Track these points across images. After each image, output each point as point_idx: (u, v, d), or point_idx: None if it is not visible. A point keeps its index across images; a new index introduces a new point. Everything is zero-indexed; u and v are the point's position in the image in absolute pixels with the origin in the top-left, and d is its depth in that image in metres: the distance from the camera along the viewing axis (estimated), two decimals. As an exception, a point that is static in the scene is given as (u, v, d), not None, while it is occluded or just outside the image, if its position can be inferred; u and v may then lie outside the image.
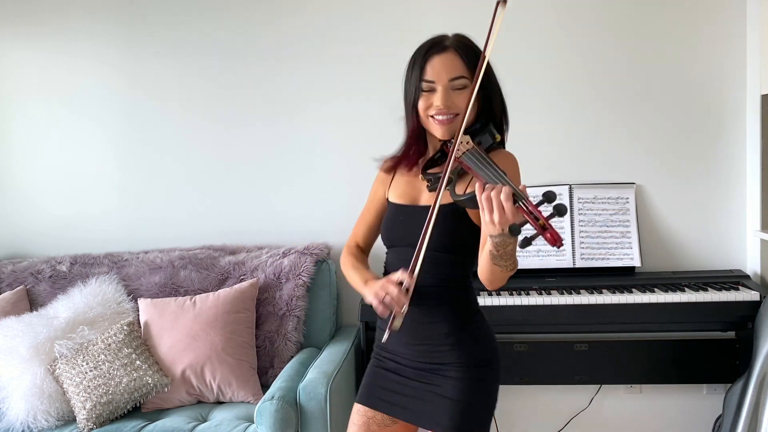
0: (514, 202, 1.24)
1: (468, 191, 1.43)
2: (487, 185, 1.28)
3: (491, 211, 1.26)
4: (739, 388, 2.31)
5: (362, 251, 1.75)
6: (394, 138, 1.67)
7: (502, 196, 1.24)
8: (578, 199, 2.71)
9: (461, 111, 1.48)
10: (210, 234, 2.96)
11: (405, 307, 1.41)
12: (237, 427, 2.20)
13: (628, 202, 2.69)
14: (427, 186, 1.55)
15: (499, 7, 1.41)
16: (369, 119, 2.84)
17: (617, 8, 2.72)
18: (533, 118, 2.72)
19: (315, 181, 2.91)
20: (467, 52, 1.50)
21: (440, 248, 1.51)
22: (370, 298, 1.45)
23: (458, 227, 1.52)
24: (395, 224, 1.61)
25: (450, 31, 1.56)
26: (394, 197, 1.65)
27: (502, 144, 1.56)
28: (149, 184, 3.00)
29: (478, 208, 1.31)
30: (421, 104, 1.51)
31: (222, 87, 2.92)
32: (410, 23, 2.79)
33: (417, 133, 1.57)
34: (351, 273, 1.67)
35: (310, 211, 2.92)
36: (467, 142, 1.46)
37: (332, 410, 2.19)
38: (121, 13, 2.94)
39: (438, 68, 1.48)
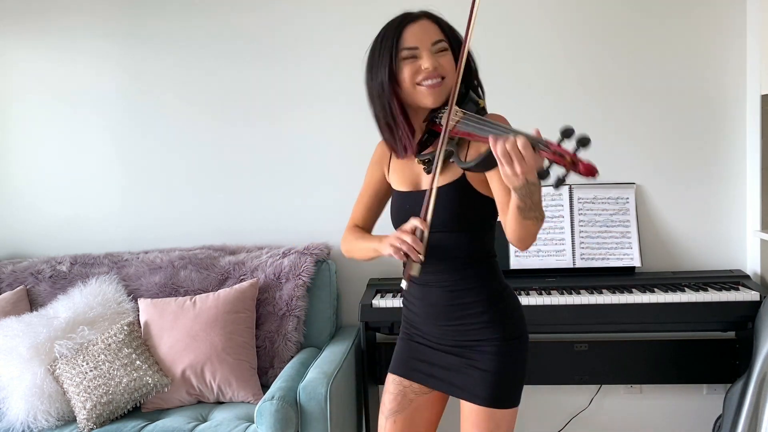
0: (533, 148, 1.21)
1: (476, 155, 1.41)
2: (499, 139, 1.23)
3: (511, 163, 1.22)
4: (739, 388, 2.31)
5: (362, 231, 1.74)
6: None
7: (520, 144, 1.20)
8: (578, 199, 2.71)
9: (447, 74, 1.48)
10: (210, 234, 2.96)
11: (423, 252, 1.40)
12: (237, 427, 2.20)
13: (628, 202, 2.69)
14: (425, 169, 1.54)
15: None
16: (370, 119, 2.83)
17: (617, 8, 2.72)
18: (533, 118, 2.70)
19: (315, 181, 2.91)
20: (438, 19, 1.52)
21: (456, 228, 1.52)
22: (387, 250, 1.43)
23: (467, 202, 1.52)
24: (403, 212, 1.59)
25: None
26: (397, 184, 1.64)
27: (484, 110, 1.52)
28: (149, 184, 3.00)
29: (491, 168, 1.27)
30: (406, 74, 1.48)
31: (222, 86, 2.92)
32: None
33: (402, 112, 1.52)
34: (357, 242, 1.65)
35: (310, 211, 2.92)
36: (456, 111, 1.44)
37: (332, 410, 2.19)
38: (121, 11, 2.93)
39: (419, 34, 1.48)
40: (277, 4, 2.87)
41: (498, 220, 1.54)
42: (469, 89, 1.52)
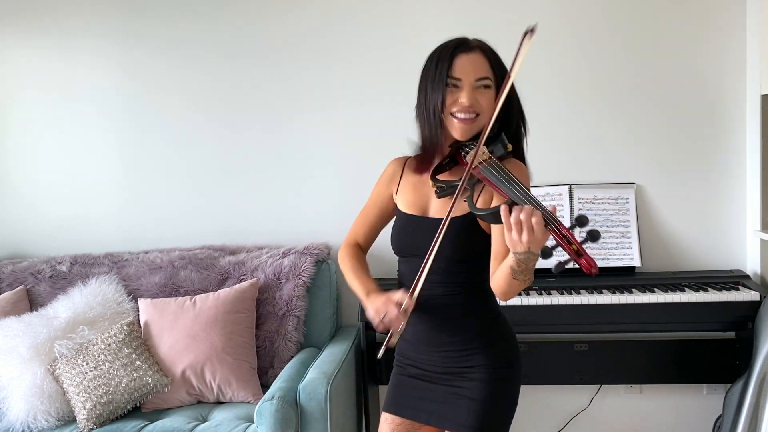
0: (545, 225, 1.23)
1: (491, 205, 1.43)
2: (515, 207, 1.25)
3: (520, 233, 1.25)
4: (739, 388, 2.31)
5: (362, 250, 1.75)
6: (394, 139, 1.67)
7: (534, 220, 1.23)
8: (578, 199, 2.71)
9: (483, 112, 1.48)
10: (210, 234, 2.96)
11: (402, 327, 1.45)
12: (237, 427, 2.20)
13: (628, 202, 2.69)
14: (436, 192, 1.53)
15: (525, 38, 1.38)
16: (370, 120, 2.84)
17: (617, 8, 2.72)
18: (533, 118, 2.70)
19: (315, 181, 2.91)
20: (491, 54, 1.52)
21: (457, 260, 1.53)
22: (371, 314, 1.49)
23: (472, 238, 1.52)
24: (407, 235, 1.60)
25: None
26: (404, 206, 1.63)
27: (511, 154, 1.53)
28: (149, 184, 3.00)
29: (499, 223, 1.29)
30: (447, 101, 1.48)
31: (223, 86, 2.92)
32: (412, 28, 2.78)
33: (441, 133, 1.52)
34: (352, 278, 1.68)
35: (310, 211, 2.92)
36: (483, 152, 1.44)
37: (332, 410, 2.19)
38: (121, 10, 2.93)
39: (466, 66, 1.48)
40: (278, 5, 2.87)
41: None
42: (502, 131, 1.51)
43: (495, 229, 1.47)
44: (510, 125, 1.55)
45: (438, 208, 1.55)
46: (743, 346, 2.49)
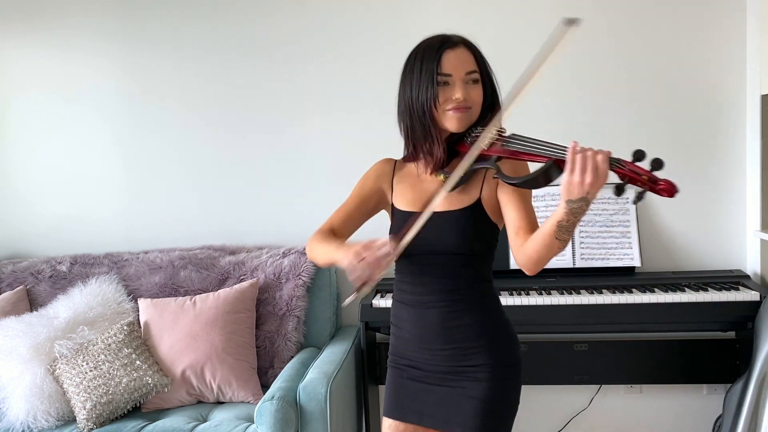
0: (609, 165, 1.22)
1: (521, 174, 1.44)
2: (578, 146, 1.24)
3: (584, 171, 1.21)
4: (739, 388, 2.31)
5: (334, 234, 1.64)
6: (393, 139, 1.67)
7: (599, 158, 1.21)
8: (578, 199, 2.70)
9: (474, 105, 1.49)
10: (210, 234, 2.96)
11: (380, 276, 1.34)
12: (237, 427, 2.20)
13: (628, 202, 2.69)
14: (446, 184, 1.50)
15: (568, 29, 1.39)
16: (370, 121, 2.83)
17: (617, 8, 2.72)
18: (532, 118, 2.70)
19: (315, 180, 2.91)
20: (474, 48, 1.53)
21: (463, 251, 1.52)
22: (348, 258, 1.35)
23: (480, 228, 1.52)
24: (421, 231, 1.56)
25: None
26: (405, 205, 1.59)
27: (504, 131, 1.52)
28: (149, 184, 3.00)
29: (540, 185, 1.30)
30: (440, 98, 1.48)
31: (223, 87, 2.92)
32: (413, 31, 2.76)
33: (434, 129, 1.51)
34: (319, 246, 1.57)
35: (310, 211, 2.89)
36: (492, 132, 1.45)
37: (332, 410, 2.19)
38: (122, 11, 2.93)
39: (454, 62, 1.48)
40: (278, 7, 2.86)
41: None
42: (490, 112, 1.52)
43: (519, 203, 1.47)
44: (494, 107, 1.54)
45: (444, 202, 1.51)
46: (743, 346, 2.49)
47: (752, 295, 2.39)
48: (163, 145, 2.98)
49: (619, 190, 1.21)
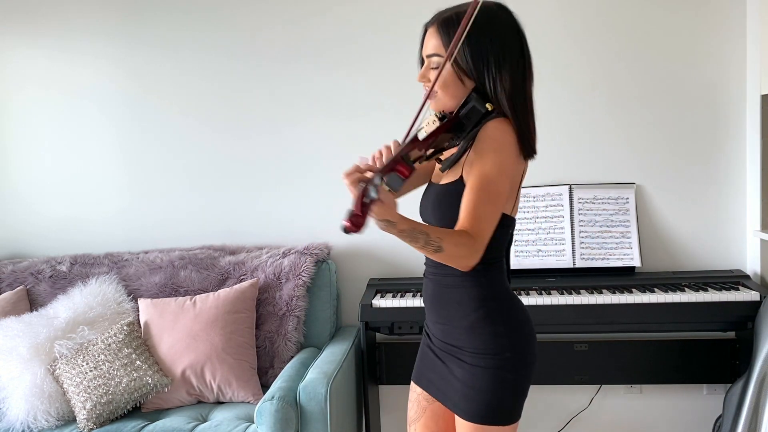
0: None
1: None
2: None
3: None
4: (739, 388, 2.31)
5: None
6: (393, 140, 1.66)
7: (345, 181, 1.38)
8: (578, 199, 2.71)
9: (437, 87, 1.47)
10: (210, 234, 2.96)
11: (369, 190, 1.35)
12: (237, 427, 2.20)
13: (628, 202, 2.69)
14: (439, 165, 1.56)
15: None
16: (370, 120, 2.84)
17: (617, 8, 2.72)
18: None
19: (315, 181, 2.91)
20: (446, 29, 1.47)
21: (445, 226, 1.42)
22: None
23: (457, 205, 1.41)
24: (421, 201, 1.61)
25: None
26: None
27: (493, 113, 1.44)
28: (149, 184, 3.00)
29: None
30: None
31: (223, 87, 2.92)
32: (413, 34, 2.77)
33: None
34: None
35: (310, 211, 2.92)
36: (433, 121, 1.46)
37: (332, 410, 2.19)
38: (123, 12, 2.93)
39: (424, 43, 1.53)
40: (278, 10, 2.86)
41: (500, 228, 1.44)
42: (477, 93, 1.45)
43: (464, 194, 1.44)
44: (485, 87, 1.46)
45: (438, 176, 1.55)
46: (743, 346, 2.50)
47: (752, 295, 2.39)
48: (164, 146, 2.98)
49: (393, 186, 1.32)
